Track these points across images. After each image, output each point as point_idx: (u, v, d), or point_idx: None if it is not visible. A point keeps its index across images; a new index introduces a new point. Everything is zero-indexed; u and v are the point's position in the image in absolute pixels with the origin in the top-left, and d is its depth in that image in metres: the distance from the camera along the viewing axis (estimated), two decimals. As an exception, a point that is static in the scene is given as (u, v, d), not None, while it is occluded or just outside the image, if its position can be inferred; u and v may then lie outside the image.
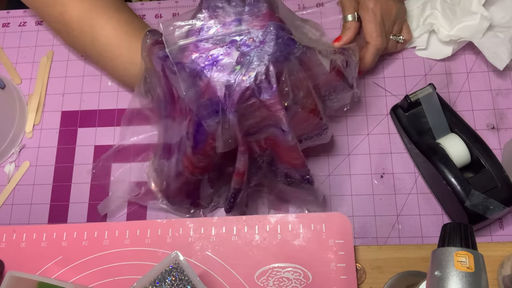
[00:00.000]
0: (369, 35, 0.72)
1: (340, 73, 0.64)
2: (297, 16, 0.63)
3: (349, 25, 0.73)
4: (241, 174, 0.60)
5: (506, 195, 0.63)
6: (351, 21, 0.73)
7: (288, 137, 0.57)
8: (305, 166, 0.61)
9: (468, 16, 0.72)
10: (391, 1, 0.73)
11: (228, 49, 0.55)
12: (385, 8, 0.72)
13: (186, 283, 0.54)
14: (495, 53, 0.71)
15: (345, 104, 0.70)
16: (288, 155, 0.60)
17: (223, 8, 0.58)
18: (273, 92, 0.53)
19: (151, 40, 0.61)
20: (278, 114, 0.54)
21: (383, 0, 0.72)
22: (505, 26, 0.73)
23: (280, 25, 0.56)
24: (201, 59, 0.55)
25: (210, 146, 0.58)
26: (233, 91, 0.53)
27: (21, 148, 0.79)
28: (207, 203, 0.71)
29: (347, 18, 0.74)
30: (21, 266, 0.63)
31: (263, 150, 0.61)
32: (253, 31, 0.56)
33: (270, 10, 0.57)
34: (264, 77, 0.53)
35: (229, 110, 0.53)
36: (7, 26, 0.87)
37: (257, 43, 0.55)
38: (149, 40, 0.61)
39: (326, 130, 0.66)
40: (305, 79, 0.58)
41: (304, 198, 0.68)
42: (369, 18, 0.72)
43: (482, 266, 0.44)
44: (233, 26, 0.57)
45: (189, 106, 0.57)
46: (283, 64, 0.54)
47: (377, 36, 0.71)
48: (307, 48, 0.56)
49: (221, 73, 0.54)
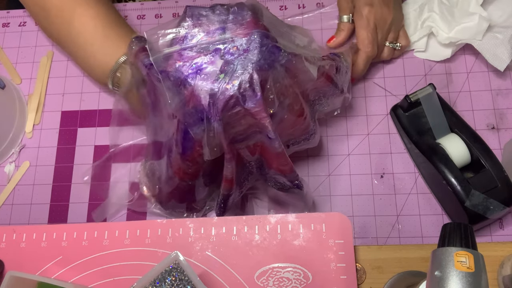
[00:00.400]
0: (360, 42, 0.72)
1: (330, 78, 0.64)
2: (284, 23, 0.62)
3: (343, 26, 0.73)
4: (229, 181, 0.60)
5: (506, 195, 0.63)
6: (345, 22, 0.74)
7: (275, 144, 0.56)
8: (293, 171, 0.61)
9: (466, 17, 0.72)
10: (386, 8, 0.72)
11: (212, 57, 0.55)
12: (379, 16, 0.72)
13: (186, 283, 0.54)
14: (495, 55, 0.71)
15: (336, 108, 0.70)
16: (276, 161, 0.59)
17: (207, 17, 0.57)
18: (258, 100, 0.53)
19: (137, 46, 0.60)
20: (264, 122, 0.54)
21: (378, 7, 0.72)
22: (503, 26, 0.73)
23: (265, 32, 0.56)
24: (185, 68, 0.55)
25: (198, 153, 0.58)
26: (217, 100, 0.53)
27: (21, 148, 0.79)
28: (201, 206, 0.71)
29: (342, 18, 0.74)
30: (21, 266, 0.63)
31: (253, 155, 0.61)
32: (237, 39, 0.56)
33: (254, 18, 0.57)
34: (248, 85, 0.53)
35: (214, 118, 0.53)
36: (7, 26, 0.87)
37: (241, 52, 0.55)
38: (135, 47, 0.60)
39: (313, 135, 0.66)
40: (291, 86, 0.57)
41: (294, 203, 0.68)
42: (362, 24, 0.72)
43: (482, 266, 0.44)
44: (217, 35, 0.57)
45: (175, 113, 0.57)
46: (268, 72, 0.54)
47: (369, 44, 0.71)
48: (293, 55, 0.56)
49: (205, 82, 0.54)
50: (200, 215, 0.72)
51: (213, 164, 0.61)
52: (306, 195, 0.65)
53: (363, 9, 0.71)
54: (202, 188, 0.67)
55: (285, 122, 0.59)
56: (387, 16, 0.73)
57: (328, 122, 0.75)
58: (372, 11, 0.71)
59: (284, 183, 0.63)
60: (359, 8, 0.72)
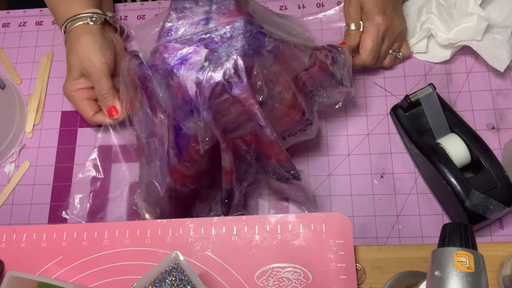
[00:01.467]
0: (363, 49, 0.72)
1: (325, 68, 0.63)
2: (274, 13, 0.63)
3: (354, 33, 0.72)
4: (228, 173, 0.60)
5: (506, 195, 0.63)
6: (354, 29, 0.73)
7: (266, 131, 0.56)
8: (289, 161, 0.61)
9: (465, 18, 0.72)
10: (397, 19, 0.72)
11: (197, 47, 0.56)
12: (390, 26, 0.72)
13: (186, 283, 0.54)
14: (495, 56, 0.71)
15: (337, 101, 0.69)
16: (270, 150, 0.60)
17: (191, 9, 0.58)
18: (244, 86, 0.53)
19: (129, 56, 0.62)
20: (252, 108, 0.55)
21: (390, 16, 0.71)
22: (502, 26, 0.73)
23: (248, 19, 0.56)
24: (170, 59, 0.55)
25: (193, 150, 0.58)
26: (203, 88, 0.53)
27: (21, 148, 0.79)
28: (206, 213, 0.71)
29: (350, 26, 0.73)
30: (21, 266, 0.63)
31: (249, 145, 0.61)
32: (220, 28, 0.56)
33: (237, 7, 0.57)
34: (233, 71, 0.53)
35: (202, 107, 0.54)
36: (7, 26, 0.87)
37: (225, 39, 0.55)
38: (127, 58, 0.62)
39: (310, 126, 0.65)
40: (280, 73, 0.57)
41: (295, 194, 0.69)
42: (371, 33, 0.71)
43: (482, 266, 0.44)
44: (201, 25, 0.57)
45: (166, 108, 0.57)
46: (253, 58, 0.54)
47: (370, 54, 0.71)
48: (281, 41, 0.56)
49: (190, 71, 0.54)
50: None
51: (211, 162, 0.61)
52: (305, 187, 0.65)
53: (377, 18, 0.70)
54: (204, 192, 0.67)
55: (276, 110, 0.59)
56: (397, 27, 0.73)
57: (328, 122, 0.75)
58: (385, 20, 0.71)
59: (282, 173, 0.63)
60: (372, 16, 0.71)
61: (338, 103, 0.70)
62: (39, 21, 0.87)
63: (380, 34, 0.71)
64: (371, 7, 0.70)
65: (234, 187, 0.63)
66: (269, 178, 0.66)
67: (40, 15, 0.87)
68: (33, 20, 0.87)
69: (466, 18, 0.72)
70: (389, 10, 0.71)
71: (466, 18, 0.72)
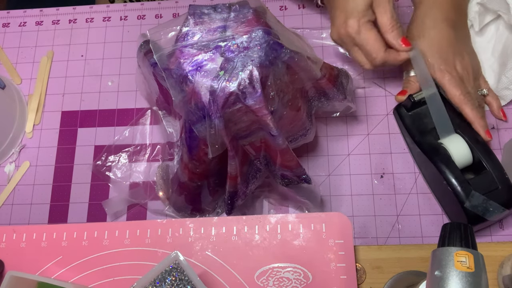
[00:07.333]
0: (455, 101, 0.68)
1: (333, 81, 0.64)
2: (286, 28, 0.63)
3: (413, 79, 0.71)
4: (233, 178, 0.61)
5: (506, 197, 0.62)
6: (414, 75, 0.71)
7: (279, 140, 0.57)
8: (299, 166, 0.61)
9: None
10: (474, 56, 0.71)
11: (213, 55, 0.56)
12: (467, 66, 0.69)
13: (186, 283, 0.54)
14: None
15: (336, 111, 0.70)
16: (281, 157, 0.60)
17: (209, 15, 0.58)
18: (258, 97, 0.53)
19: (145, 49, 0.61)
20: (265, 119, 0.55)
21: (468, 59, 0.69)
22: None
23: (266, 29, 0.56)
24: (186, 65, 0.55)
25: (203, 152, 0.59)
26: (217, 97, 0.53)
27: (21, 148, 0.79)
28: (212, 208, 0.71)
29: (409, 73, 0.72)
30: (21, 266, 0.63)
31: (258, 152, 0.61)
32: (237, 37, 0.56)
33: (256, 16, 0.57)
34: (248, 82, 0.53)
35: (214, 115, 0.54)
36: (7, 26, 0.87)
37: (241, 49, 0.55)
38: (143, 50, 0.62)
39: (309, 130, 0.66)
40: (292, 83, 0.58)
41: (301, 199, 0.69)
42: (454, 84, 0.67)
43: (482, 266, 0.44)
44: (218, 33, 0.57)
45: (179, 111, 0.57)
46: (269, 68, 0.54)
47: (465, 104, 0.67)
48: (295, 52, 0.56)
49: (205, 79, 0.54)
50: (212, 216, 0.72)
51: (220, 165, 0.61)
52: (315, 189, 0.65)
53: (457, 64, 0.68)
54: (211, 189, 0.67)
55: (284, 118, 0.59)
56: (476, 66, 0.70)
57: (328, 122, 0.75)
58: (463, 63, 0.68)
59: (291, 178, 0.63)
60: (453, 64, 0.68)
61: (336, 113, 0.70)
62: (39, 21, 0.87)
63: (461, 80, 0.68)
64: None
65: (238, 190, 0.63)
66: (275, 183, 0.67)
67: (40, 15, 0.87)
68: (33, 20, 0.87)
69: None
70: (465, 52, 0.69)
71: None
